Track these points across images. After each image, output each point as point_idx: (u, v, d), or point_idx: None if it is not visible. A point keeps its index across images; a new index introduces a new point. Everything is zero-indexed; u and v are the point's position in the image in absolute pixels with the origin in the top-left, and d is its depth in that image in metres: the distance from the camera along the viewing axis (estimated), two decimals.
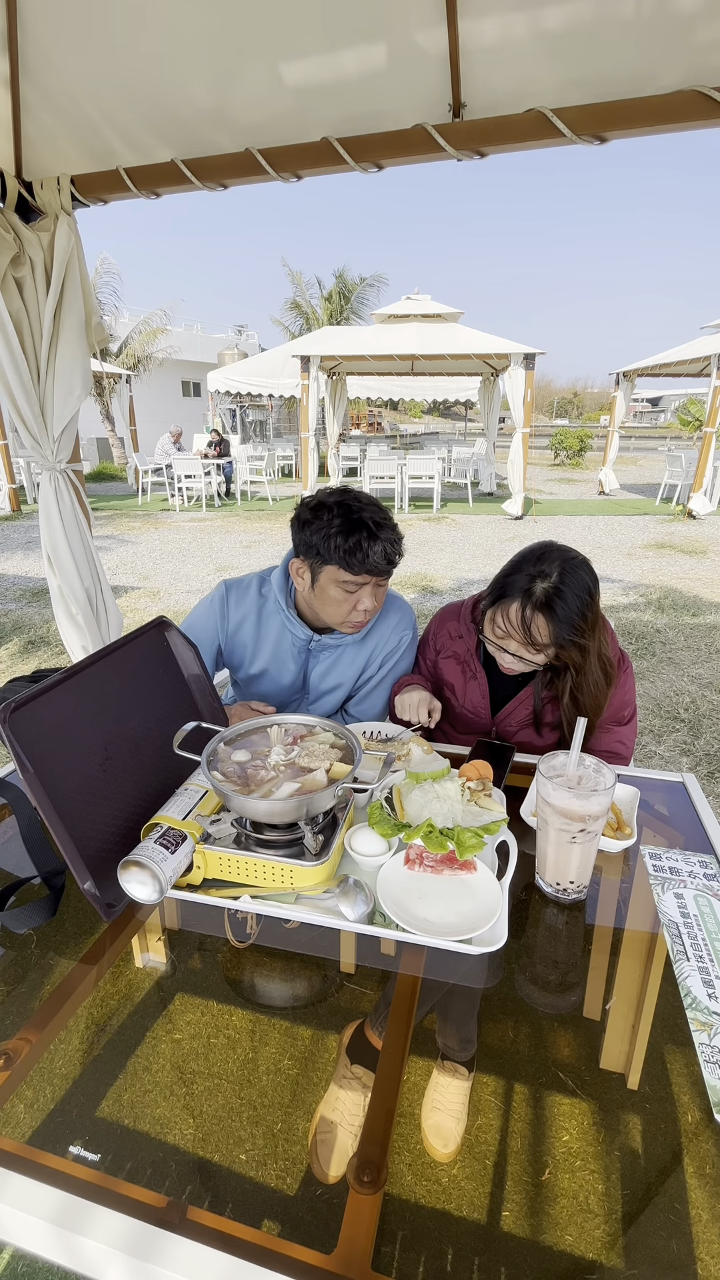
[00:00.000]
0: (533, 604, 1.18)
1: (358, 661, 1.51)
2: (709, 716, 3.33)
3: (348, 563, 1.27)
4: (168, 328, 16.78)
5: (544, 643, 1.20)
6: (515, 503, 9.42)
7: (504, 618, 1.24)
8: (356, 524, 1.27)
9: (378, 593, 1.35)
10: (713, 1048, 0.70)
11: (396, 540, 1.31)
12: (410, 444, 19.31)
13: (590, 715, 1.27)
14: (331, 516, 1.28)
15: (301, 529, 1.32)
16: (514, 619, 1.21)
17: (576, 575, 1.20)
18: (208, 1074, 0.69)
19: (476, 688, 1.44)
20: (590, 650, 1.23)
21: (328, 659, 1.50)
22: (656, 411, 44.06)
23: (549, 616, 1.18)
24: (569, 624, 1.17)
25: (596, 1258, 0.54)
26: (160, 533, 8.47)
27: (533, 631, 1.19)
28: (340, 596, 1.33)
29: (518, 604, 1.20)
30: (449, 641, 1.49)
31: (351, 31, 1.52)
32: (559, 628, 1.18)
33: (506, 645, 1.26)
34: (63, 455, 2.20)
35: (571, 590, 1.18)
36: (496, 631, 1.27)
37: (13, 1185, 0.59)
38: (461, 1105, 0.66)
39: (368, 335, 10.21)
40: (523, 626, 1.20)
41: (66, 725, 0.90)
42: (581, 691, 1.27)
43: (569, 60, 1.48)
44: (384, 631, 1.51)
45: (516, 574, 1.24)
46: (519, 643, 1.22)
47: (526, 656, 1.25)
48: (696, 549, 7.25)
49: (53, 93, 1.77)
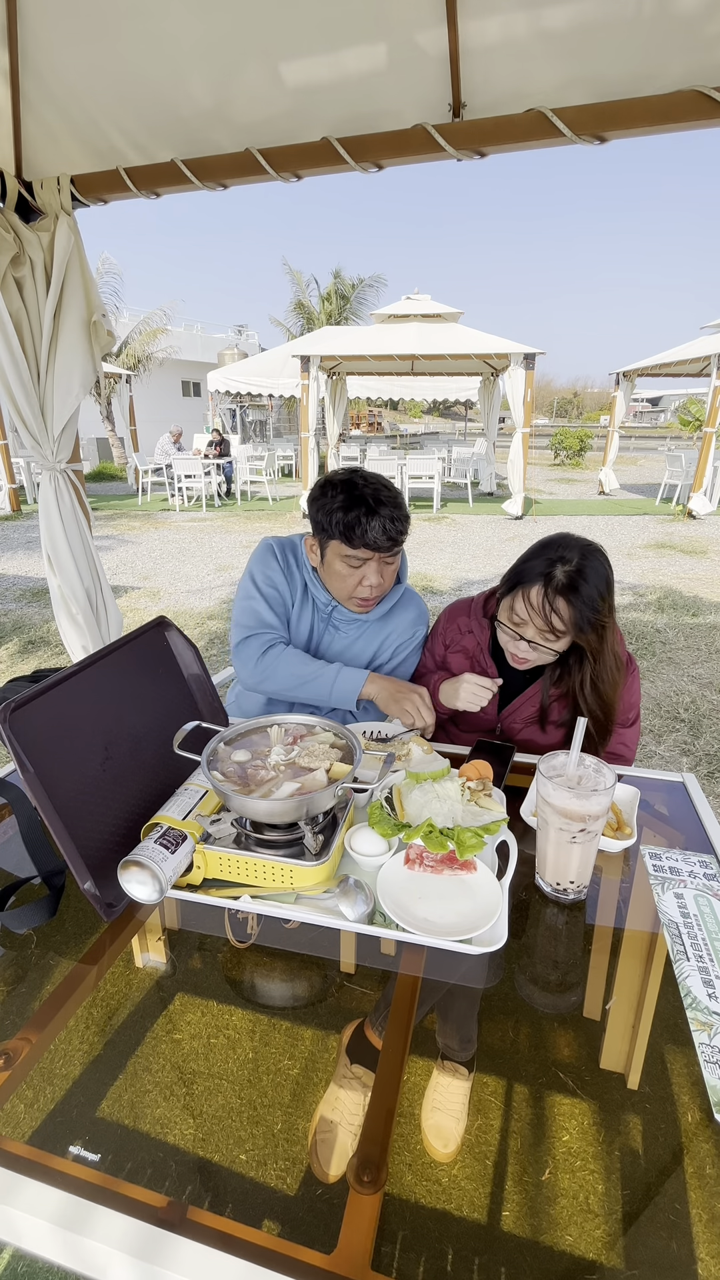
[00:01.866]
0: (554, 587, 1.19)
1: (373, 644, 1.54)
2: (709, 716, 3.33)
3: (348, 537, 1.32)
4: (168, 328, 16.79)
5: (563, 628, 1.20)
6: (515, 503, 9.42)
7: (524, 602, 1.23)
8: (357, 500, 1.30)
9: (384, 570, 1.39)
10: (713, 1048, 0.70)
11: (397, 518, 1.33)
12: (410, 444, 19.32)
13: (606, 708, 1.28)
14: (336, 493, 1.33)
15: (311, 506, 1.39)
16: (534, 602, 1.20)
17: (596, 560, 1.21)
18: (208, 1074, 0.69)
19: None
20: (608, 636, 1.23)
21: (346, 637, 1.53)
22: (656, 411, 44.07)
23: (570, 599, 1.18)
24: (590, 606, 1.17)
25: (596, 1258, 0.54)
26: (160, 533, 8.47)
27: (553, 615, 1.19)
28: (345, 571, 1.38)
29: (538, 587, 1.20)
30: (458, 636, 1.49)
31: (351, 31, 1.52)
32: (580, 610, 1.17)
33: (524, 632, 1.25)
34: (63, 455, 2.20)
35: (592, 574, 1.19)
36: (514, 618, 1.26)
37: (12, 1185, 0.59)
38: (462, 1105, 0.66)
39: (368, 335, 10.21)
40: (544, 610, 1.19)
41: (66, 725, 0.90)
42: (599, 680, 1.26)
43: (569, 60, 1.48)
44: (403, 621, 1.55)
45: (535, 560, 1.24)
46: (538, 628, 1.22)
47: (543, 644, 1.24)
48: (696, 549, 7.25)
49: (53, 92, 1.77)
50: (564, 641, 1.23)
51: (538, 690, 1.38)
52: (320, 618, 1.53)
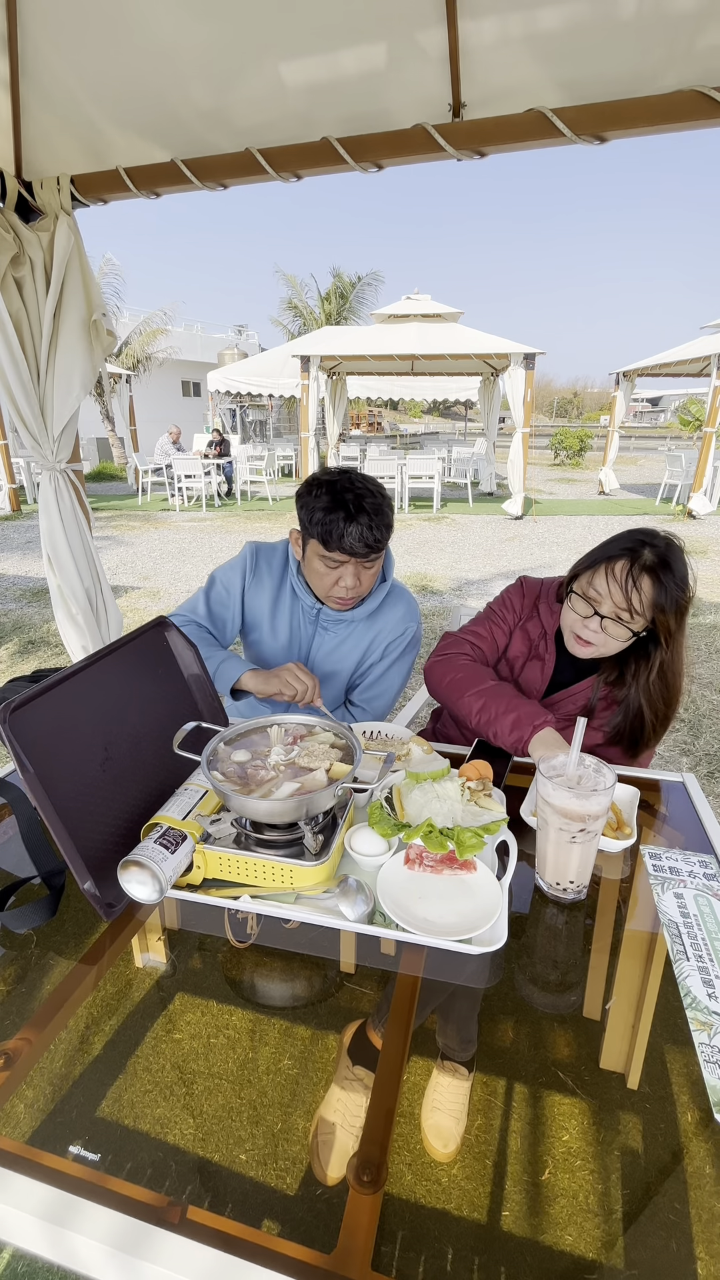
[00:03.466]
0: (640, 564, 1.18)
1: (362, 643, 1.54)
2: (709, 716, 3.33)
3: (325, 540, 1.33)
4: (168, 328, 16.79)
5: (641, 608, 1.19)
6: (515, 503, 9.42)
7: (606, 577, 1.21)
8: (339, 503, 1.31)
9: (362, 574, 1.39)
10: (713, 1048, 0.70)
11: (376, 525, 1.32)
12: (410, 444, 19.31)
13: (670, 698, 1.28)
14: (320, 493, 1.33)
15: (297, 501, 1.40)
16: (619, 575, 1.19)
17: (680, 551, 1.22)
18: (208, 1074, 0.69)
19: (539, 668, 1.41)
20: (685, 623, 1.23)
21: (335, 637, 1.53)
22: (656, 411, 44.06)
23: (655, 578, 1.18)
24: (674, 589, 1.18)
25: (596, 1258, 0.54)
26: (160, 533, 8.47)
27: (636, 592, 1.18)
28: (323, 570, 1.39)
29: (624, 562, 1.19)
30: (529, 615, 1.45)
31: (351, 31, 1.52)
32: (664, 591, 1.17)
33: (600, 606, 1.22)
34: (63, 455, 2.20)
35: (676, 560, 1.20)
36: (592, 593, 1.23)
37: (12, 1185, 0.59)
38: (462, 1105, 0.66)
39: (368, 335, 10.21)
40: (626, 585, 1.18)
41: (66, 725, 0.90)
42: (669, 670, 1.25)
43: (569, 60, 1.48)
44: (391, 619, 1.54)
45: (621, 540, 1.24)
46: (615, 605, 1.20)
47: (614, 626, 1.21)
48: (696, 549, 7.25)
49: (52, 93, 1.77)
50: (637, 624, 1.21)
51: (584, 688, 1.36)
52: (307, 619, 1.53)
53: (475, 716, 1.28)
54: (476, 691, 1.30)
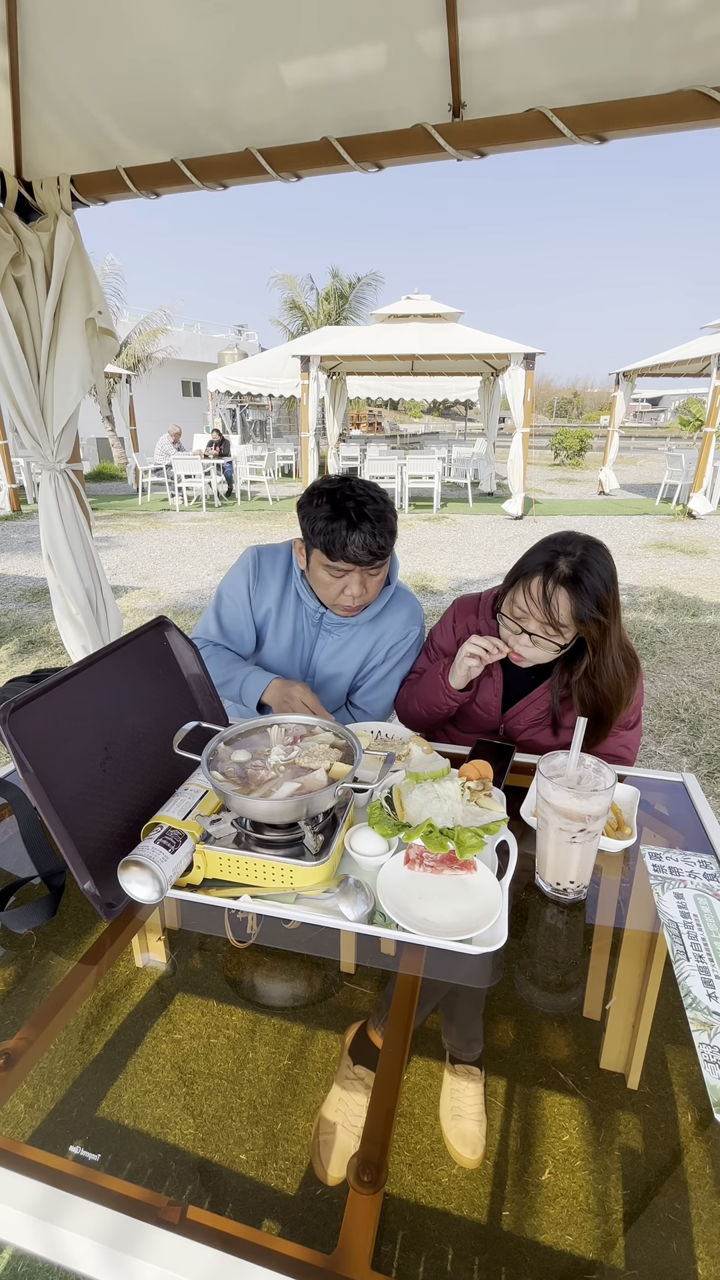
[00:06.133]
0: (555, 578, 1.19)
1: (365, 646, 1.54)
2: (709, 716, 3.33)
3: (328, 550, 1.32)
4: (168, 328, 16.77)
5: (564, 621, 1.20)
6: (515, 502, 9.41)
7: (525, 594, 1.23)
8: (341, 512, 1.30)
9: (367, 581, 1.38)
10: (713, 1048, 0.70)
11: (380, 533, 1.31)
12: (410, 444, 19.30)
13: (611, 705, 1.27)
14: (322, 502, 1.32)
15: (299, 511, 1.39)
16: (535, 593, 1.20)
17: (598, 553, 1.21)
18: (208, 1074, 0.69)
19: (490, 685, 1.43)
20: (610, 631, 1.23)
21: (338, 640, 1.53)
22: (656, 411, 44.06)
23: (571, 590, 1.18)
24: (592, 598, 1.18)
25: (596, 1258, 0.54)
26: (160, 533, 8.47)
27: (554, 606, 1.18)
28: (327, 579, 1.38)
29: (539, 578, 1.20)
30: (467, 632, 1.48)
31: (351, 31, 1.52)
32: (581, 602, 1.17)
33: (526, 624, 1.25)
34: (63, 455, 2.20)
35: (594, 567, 1.19)
36: (516, 611, 1.26)
37: (11, 1185, 0.59)
38: (480, 1108, 0.65)
39: (368, 335, 10.20)
40: (544, 601, 1.19)
41: (66, 725, 0.90)
42: (599, 676, 1.26)
43: (569, 60, 1.48)
44: (395, 622, 1.54)
45: (538, 553, 1.24)
46: (539, 621, 1.22)
47: (544, 639, 1.24)
48: (696, 549, 7.25)
49: (52, 92, 1.77)
50: (566, 636, 1.23)
51: (543, 693, 1.37)
52: (311, 623, 1.53)
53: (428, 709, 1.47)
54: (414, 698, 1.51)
